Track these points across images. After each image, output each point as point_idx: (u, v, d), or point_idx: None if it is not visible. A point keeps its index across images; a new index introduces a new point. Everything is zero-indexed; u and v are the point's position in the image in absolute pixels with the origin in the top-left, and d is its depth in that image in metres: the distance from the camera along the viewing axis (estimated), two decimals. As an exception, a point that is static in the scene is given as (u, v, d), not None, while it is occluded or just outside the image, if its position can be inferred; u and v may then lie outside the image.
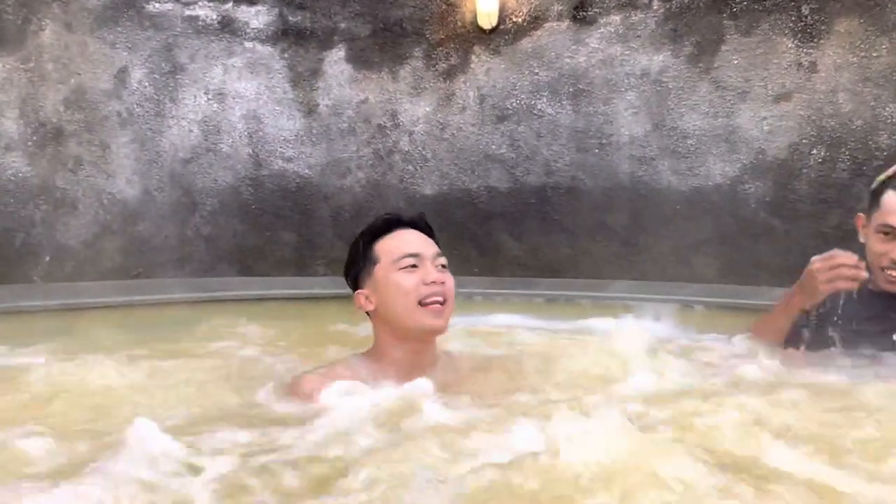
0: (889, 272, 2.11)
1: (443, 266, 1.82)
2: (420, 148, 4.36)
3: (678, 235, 3.92)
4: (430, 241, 1.86)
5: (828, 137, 3.65)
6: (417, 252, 1.79)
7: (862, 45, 3.59)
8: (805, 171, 3.69)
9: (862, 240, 2.20)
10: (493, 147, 4.26)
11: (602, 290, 3.32)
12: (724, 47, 3.88)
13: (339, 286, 1.95)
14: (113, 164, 3.99)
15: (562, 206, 4.14)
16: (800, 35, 3.73)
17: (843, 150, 3.61)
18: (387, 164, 4.38)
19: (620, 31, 4.07)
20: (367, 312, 1.84)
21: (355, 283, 1.86)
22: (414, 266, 1.77)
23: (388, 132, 4.40)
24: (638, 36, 4.04)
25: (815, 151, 3.67)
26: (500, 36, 4.27)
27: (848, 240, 2.32)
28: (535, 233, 4.16)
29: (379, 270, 1.80)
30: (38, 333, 2.64)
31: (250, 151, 4.30)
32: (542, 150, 4.20)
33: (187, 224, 4.14)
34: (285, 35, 4.38)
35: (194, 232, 4.16)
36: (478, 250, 4.20)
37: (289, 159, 4.36)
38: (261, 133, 4.32)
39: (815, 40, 3.69)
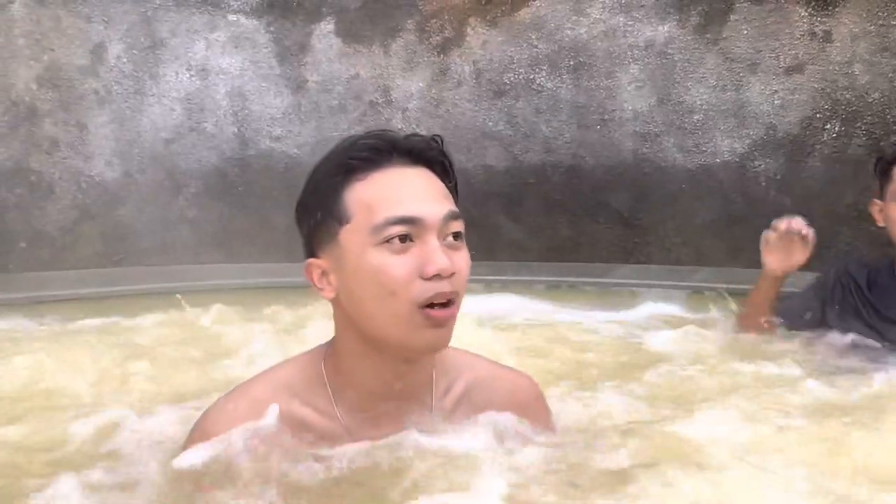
0: None
1: (455, 236, 1.15)
2: (414, 125, 4.18)
3: (684, 216, 3.77)
4: (441, 189, 1.17)
5: (843, 111, 3.48)
6: (415, 216, 1.11)
7: (880, 13, 3.41)
8: (818, 147, 3.53)
9: (882, 224, 2.16)
10: (490, 124, 4.09)
11: (605, 275, 3.15)
12: (732, 16, 3.69)
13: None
14: (91, 144, 3.81)
15: (562, 185, 3.98)
16: (813, 3, 3.55)
17: (858, 124, 3.44)
18: (379, 142, 4.21)
19: (623, 1, 3.89)
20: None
21: (309, 245, 1.21)
22: (407, 239, 1.10)
23: (381, 109, 4.22)
24: (642, 6, 3.86)
25: (829, 126, 3.50)
26: (496, 7, 4.08)
27: (863, 220, 2.25)
28: (534, 214, 4.01)
29: (347, 235, 1.13)
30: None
31: (236, 130, 4.12)
32: (541, 126, 4.03)
33: (171, 207, 3.97)
34: (271, 7, 4.17)
35: (178, 215, 3.99)
36: (475, 232, 4.02)
37: (276, 138, 4.18)
38: (246, 111, 4.14)
39: (830, 8, 3.51)
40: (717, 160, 3.71)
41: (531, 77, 4.04)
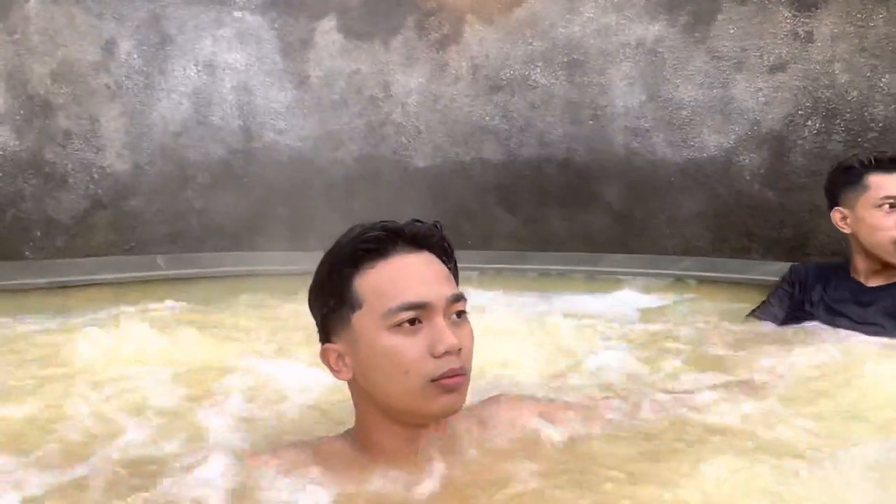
0: None
1: (459, 314, 1.23)
2: (413, 120, 4.32)
3: (672, 208, 3.91)
4: (443, 272, 1.25)
5: (823, 109, 3.62)
6: (423, 301, 1.19)
7: (859, 15, 3.55)
8: (800, 142, 3.67)
9: (847, 230, 2.27)
10: (487, 118, 4.23)
11: (595, 264, 3.31)
12: (720, 16, 3.83)
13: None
14: (102, 137, 3.95)
15: (556, 178, 4.12)
16: (796, 4, 3.68)
17: (838, 121, 3.59)
18: (379, 135, 4.34)
19: (615, 1, 4.02)
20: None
21: (324, 331, 1.28)
22: (416, 321, 1.18)
23: (381, 104, 4.35)
24: (633, 5, 3.99)
25: (810, 123, 3.65)
26: (493, 5, 4.21)
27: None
28: (529, 205, 4.14)
29: (360, 321, 1.21)
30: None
31: (241, 124, 4.25)
32: (535, 121, 4.17)
33: (179, 198, 4.11)
34: (275, 4, 4.30)
35: (186, 206, 4.14)
36: (471, 223, 4.18)
37: (280, 131, 4.32)
38: (252, 105, 4.27)
39: (812, 9, 3.65)
40: (704, 155, 3.85)
41: (526, 73, 4.17)
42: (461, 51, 4.26)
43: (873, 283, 2.26)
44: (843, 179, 2.29)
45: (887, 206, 2.15)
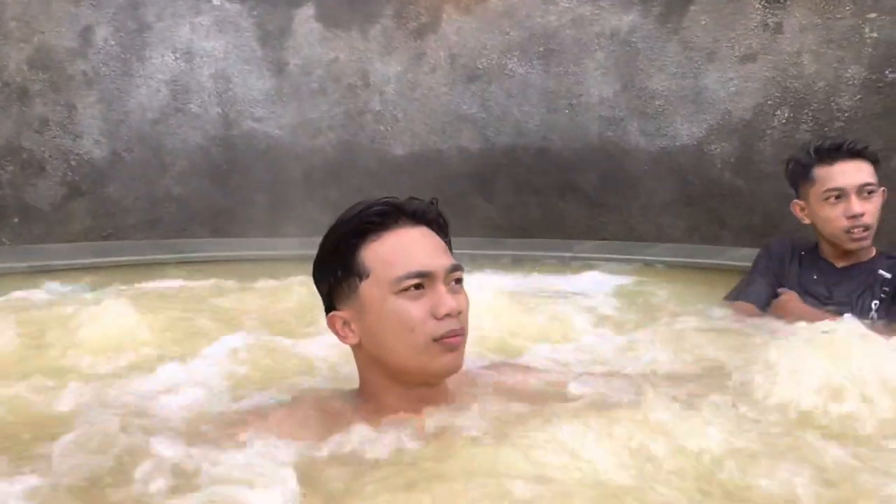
0: (854, 230, 2.20)
1: (457, 282, 1.33)
2: (391, 108, 4.36)
3: (645, 196, 3.98)
4: (441, 244, 1.35)
5: (791, 98, 3.71)
6: (427, 269, 1.29)
7: (826, 7, 3.63)
8: (769, 131, 3.75)
9: (807, 221, 2.31)
10: (464, 107, 4.27)
11: (569, 250, 3.38)
12: (692, 7, 3.90)
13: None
14: (80, 124, 3.96)
15: (532, 166, 4.18)
16: (767, -4, 3.76)
17: (805, 110, 3.67)
18: (358, 124, 4.37)
19: (591, -9, 4.07)
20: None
21: (329, 300, 1.36)
22: (420, 287, 1.29)
23: (359, 92, 4.38)
24: (608, -5, 4.05)
25: (779, 112, 3.73)
26: (470, -6, 4.25)
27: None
28: (505, 193, 4.20)
29: (367, 289, 1.30)
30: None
31: (220, 111, 4.27)
32: (512, 110, 4.22)
33: (157, 185, 4.13)
34: (253, -8, 4.32)
35: (164, 193, 4.15)
36: (449, 210, 4.22)
37: (259, 119, 4.34)
38: (230, 93, 4.29)
39: (781, 1, 3.73)
40: (677, 143, 3.93)
41: (503, 63, 4.22)
42: (439, 40, 4.30)
43: (841, 263, 2.31)
44: (796, 172, 2.32)
45: (832, 198, 2.19)
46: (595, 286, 2.59)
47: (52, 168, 3.88)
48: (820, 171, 2.23)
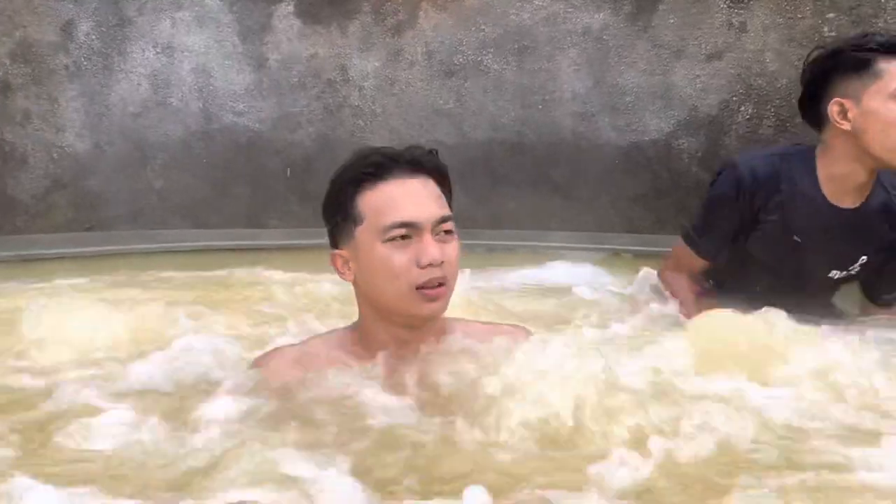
0: None
1: (447, 232, 1.43)
2: (370, 103, 4.44)
3: (616, 189, 4.11)
4: (434, 194, 1.44)
5: (755, 95, 3.85)
6: (412, 220, 1.39)
7: (788, 7, 3.78)
8: (734, 127, 3.90)
9: (846, 127, 1.91)
10: (441, 102, 4.36)
11: (541, 239, 3.50)
12: (661, 6, 4.02)
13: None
14: (62, 117, 4.01)
15: (507, 160, 4.28)
16: (732, -5, 3.90)
17: (768, 107, 3.82)
18: (337, 118, 4.45)
19: (563, -11, 4.18)
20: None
21: (333, 239, 1.51)
22: (407, 237, 1.39)
23: (338, 87, 4.46)
24: (580, -6, 4.16)
25: (743, 108, 3.87)
26: (447, -8, 4.34)
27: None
28: (480, 186, 4.30)
29: (361, 235, 1.43)
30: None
31: (200, 105, 4.33)
32: (488, 105, 4.32)
33: (139, 178, 4.19)
34: (233, -12, 4.38)
35: (146, 186, 4.21)
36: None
37: (239, 113, 4.40)
38: (211, 87, 4.35)
39: (745, 1, 3.87)
40: (646, 138, 4.05)
41: (479, 59, 4.31)
42: (416, 36, 4.38)
43: (846, 203, 1.89)
44: (846, 64, 1.88)
45: None
46: (566, 275, 2.70)
47: (35, 161, 3.93)
48: (886, 64, 1.82)
